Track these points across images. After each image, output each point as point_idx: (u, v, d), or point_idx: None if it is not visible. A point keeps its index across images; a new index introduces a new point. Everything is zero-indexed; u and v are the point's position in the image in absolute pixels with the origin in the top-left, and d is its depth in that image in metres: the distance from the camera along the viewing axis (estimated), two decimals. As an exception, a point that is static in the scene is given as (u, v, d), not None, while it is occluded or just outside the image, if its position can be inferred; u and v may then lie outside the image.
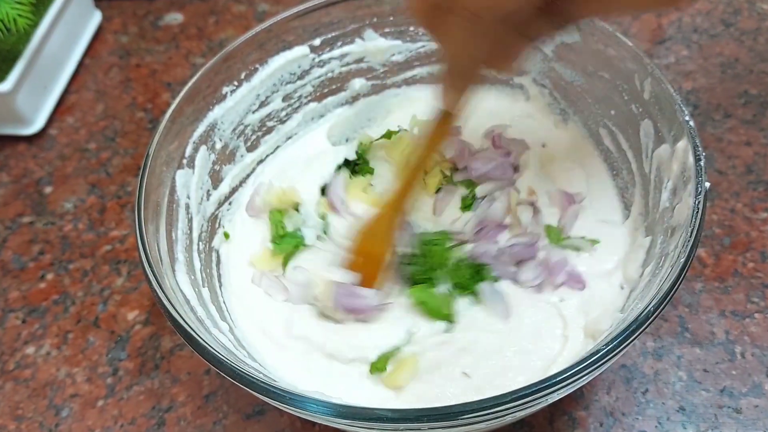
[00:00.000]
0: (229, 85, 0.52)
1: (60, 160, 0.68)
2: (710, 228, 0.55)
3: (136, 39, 0.78)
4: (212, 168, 0.51)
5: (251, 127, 0.54)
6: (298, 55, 0.54)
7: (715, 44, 0.68)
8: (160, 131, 0.46)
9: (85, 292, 0.58)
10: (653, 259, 0.42)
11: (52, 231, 0.62)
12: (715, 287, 0.53)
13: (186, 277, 0.44)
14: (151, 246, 0.41)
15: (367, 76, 0.58)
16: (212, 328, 0.42)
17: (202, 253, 0.48)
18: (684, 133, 0.42)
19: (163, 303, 0.38)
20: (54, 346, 0.55)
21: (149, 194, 0.44)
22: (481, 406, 0.32)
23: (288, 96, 0.56)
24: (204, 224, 0.50)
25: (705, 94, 0.64)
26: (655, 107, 0.45)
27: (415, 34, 0.56)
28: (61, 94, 0.72)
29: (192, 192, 0.49)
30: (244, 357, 0.42)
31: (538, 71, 0.55)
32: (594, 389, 0.48)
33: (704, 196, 0.38)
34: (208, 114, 0.50)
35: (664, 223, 0.42)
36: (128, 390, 0.52)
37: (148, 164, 0.44)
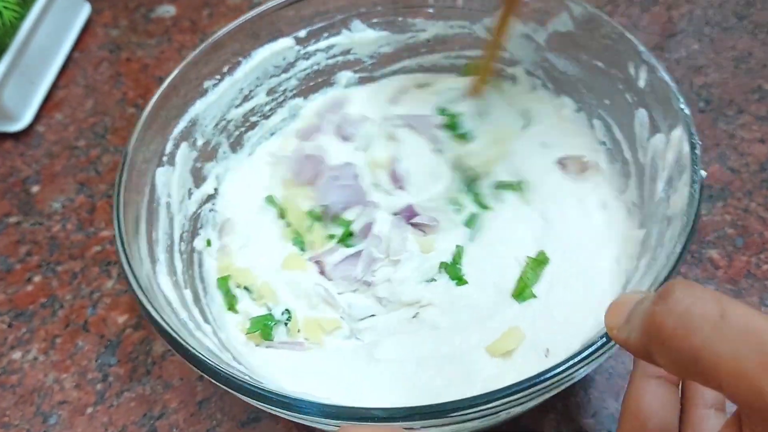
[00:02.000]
0: (211, 78, 0.52)
1: (48, 158, 0.68)
2: (722, 228, 0.55)
3: (126, 32, 0.78)
4: (194, 165, 0.51)
5: (234, 122, 0.54)
6: (283, 47, 0.54)
7: (727, 38, 0.68)
8: (139, 127, 0.46)
9: (74, 294, 0.58)
10: (648, 250, 0.42)
11: (39, 231, 0.62)
12: (728, 290, 0.53)
13: (168, 279, 0.44)
14: (131, 247, 0.41)
15: (354, 69, 0.58)
16: (196, 330, 0.42)
17: (183, 254, 0.48)
18: (679, 121, 0.42)
19: (144, 306, 0.38)
20: (41, 351, 0.55)
21: (129, 193, 0.43)
22: (472, 403, 0.32)
23: (272, 90, 0.56)
24: (185, 224, 0.50)
25: (717, 89, 0.64)
26: (651, 96, 0.45)
27: (404, 24, 0.56)
28: (49, 89, 0.72)
29: (173, 190, 0.49)
30: (230, 360, 0.42)
31: (531, 61, 0.55)
32: (602, 396, 0.48)
33: (700, 185, 0.39)
34: (189, 109, 0.50)
35: (660, 214, 0.42)
36: (119, 396, 0.52)
37: (127, 161, 0.44)
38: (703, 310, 0.26)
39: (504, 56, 0.56)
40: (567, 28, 0.51)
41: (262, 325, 0.47)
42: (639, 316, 0.29)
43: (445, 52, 0.58)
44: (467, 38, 0.56)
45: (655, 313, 0.27)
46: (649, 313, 0.28)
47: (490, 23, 0.54)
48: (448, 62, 0.58)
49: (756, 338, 0.25)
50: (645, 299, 0.29)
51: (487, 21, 0.54)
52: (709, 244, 0.55)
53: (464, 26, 0.56)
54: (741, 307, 0.26)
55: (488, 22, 0.54)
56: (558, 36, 0.52)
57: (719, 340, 0.25)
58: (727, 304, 0.26)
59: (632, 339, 0.29)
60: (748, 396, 0.25)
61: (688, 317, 0.26)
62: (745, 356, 0.24)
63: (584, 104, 0.53)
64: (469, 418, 0.33)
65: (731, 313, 0.25)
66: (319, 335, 0.47)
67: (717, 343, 0.25)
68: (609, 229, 0.48)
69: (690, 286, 0.27)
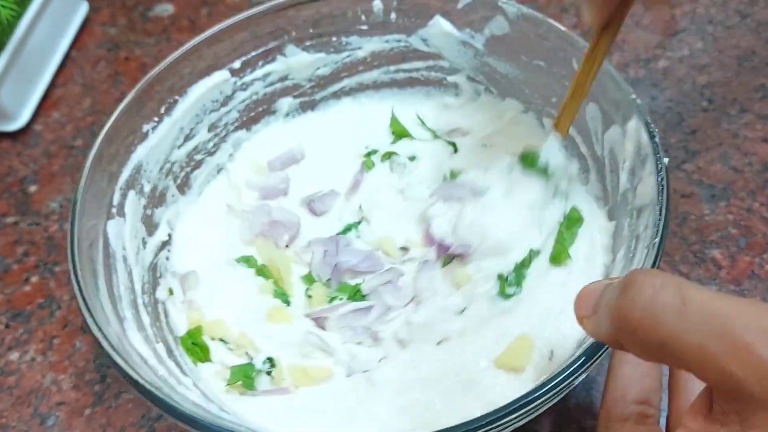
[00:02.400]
0: (150, 122, 0.50)
1: (45, 158, 0.68)
2: (725, 228, 0.55)
3: (125, 31, 0.78)
4: (144, 213, 0.50)
5: (179, 163, 0.53)
6: (218, 80, 0.53)
7: (730, 36, 0.68)
8: (83, 184, 0.44)
9: (72, 295, 0.57)
10: (624, 242, 0.42)
11: (37, 232, 0.62)
12: (731, 291, 0.53)
13: (138, 335, 0.42)
14: (95, 307, 0.39)
15: (294, 94, 0.58)
16: (177, 386, 0.40)
17: (148, 307, 0.47)
18: (633, 111, 0.42)
19: (124, 370, 0.36)
20: (39, 351, 0.55)
21: (82, 252, 0.42)
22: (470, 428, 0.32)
23: (213, 125, 0.55)
24: (145, 275, 0.48)
25: (720, 88, 0.64)
26: (598, 89, 0.45)
27: (339, 44, 0.56)
28: (47, 88, 0.72)
29: (127, 242, 0.47)
30: (217, 411, 0.41)
31: (471, 67, 0.55)
32: (604, 397, 0.48)
33: (666, 172, 0.39)
34: (131, 156, 0.49)
35: (628, 204, 0.43)
36: (117, 398, 0.52)
37: (76, 220, 0.42)
38: (665, 299, 0.27)
39: (443, 65, 0.56)
40: (503, 31, 0.51)
41: (243, 375, 0.45)
42: (605, 309, 0.30)
43: (384, 67, 0.58)
44: (405, 51, 0.56)
45: (620, 306, 0.28)
46: (614, 307, 0.29)
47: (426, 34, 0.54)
48: (388, 77, 0.58)
49: (718, 322, 0.26)
50: (608, 289, 0.30)
51: (421, 32, 0.54)
52: (711, 244, 0.55)
53: (400, 39, 0.56)
54: (701, 291, 0.27)
55: (423, 34, 0.54)
56: (496, 39, 0.52)
57: (683, 327, 0.26)
58: (687, 290, 0.27)
59: (602, 331, 0.30)
60: (716, 378, 0.26)
61: (651, 308, 0.27)
62: (709, 341, 0.26)
63: (531, 105, 0.53)
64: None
65: (692, 298, 0.26)
66: (307, 382, 0.45)
67: (682, 330, 0.26)
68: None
69: (650, 274, 0.28)
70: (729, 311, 0.26)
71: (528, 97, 0.53)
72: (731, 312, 0.26)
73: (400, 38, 0.56)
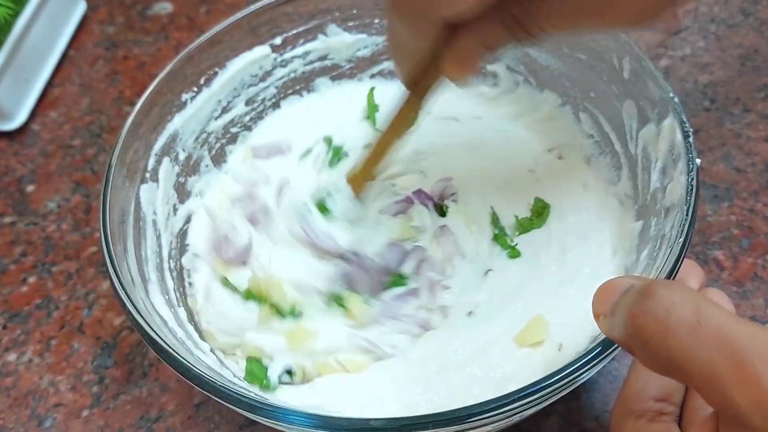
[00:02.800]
0: (189, 91, 0.51)
1: (43, 157, 0.68)
2: (728, 229, 0.55)
3: (123, 29, 0.78)
4: (177, 180, 0.51)
5: (214, 134, 0.54)
6: (259, 55, 0.54)
7: (733, 35, 0.68)
8: (120, 145, 0.45)
9: (70, 296, 0.58)
10: (649, 242, 0.42)
11: (34, 232, 0.62)
12: (733, 292, 0.53)
13: (161, 298, 0.43)
14: (121, 267, 0.40)
15: (331, 74, 0.58)
16: (194, 349, 0.41)
17: (173, 272, 0.48)
18: (669, 110, 0.42)
19: (142, 328, 0.37)
20: (36, 353, 0.55)
21: (114, 213, 0.43)
22: (469, 413, 0.32)
23: (251, 100, 0.56)
24: (173, 241, 0.49)
25: (723, 88, 0.64)
26: (636, 86, 0.45)
27: (381, 26, 0.56)
28: (44, 87, 0.72)
29: (158, 207, 0.48)
30: (230, 376, 0.41)
31: (511, 57, 0.55)
32: (606, 399, 0.48)
33: (696, 173, 0.39)
34: (168, 124, 0.50)
35: (657, 204, 0.43)
36: (115, 399, 0.52)
37: (110, 181, 0.43)
38: (681, 314, 0.27)
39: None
40: None
41: (258, 378, 0.44)
42: (622, 313, 0.30)
43: None
44: None
45: (636, 314, 0.28)
46: (630, 313, 0.29)
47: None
48: None
49: (729, 346, 0.26)
50: (630, 291, 0.30)
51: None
52: (714, 244, 0.55)
53: None
54: (718, 312, 0.26)
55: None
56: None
57: (694, 345, 0.26)
58: (705, 310, 0.27)
59: (615, 334, 0.30)
60: (720, 402, 0.26)
61: (666, 321, 0.27)
62: (718, 364, 0.25)
63: (569, 98, 0.53)
64: (470, 426, 0.33)
65: (708, 318, 0.26)
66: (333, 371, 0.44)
67: (692, 348, 0.26)
68: (601, 221, 0.48)
69: (671, 287, 0.28)
70: (743, 337, 0.26)
71: (567, 90, 0.53)
72: (746, 338, 0.25)
73: None
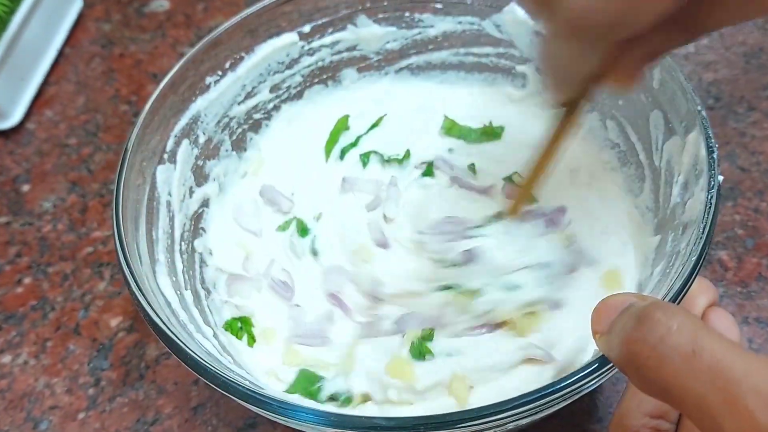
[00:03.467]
0: (213, 74, 0.52)
1: (38, 157, 0.68)
2: (732, 229, 0.55)
3: (119, 27, 0.78)
4: (195, 163, 0.51)
5: (237, 119, 0.54)
6: (286, 42, 0.54)
7: (737, 32, 0.68)
8: (140, 123, 0.46)
9: (65, 297, 0.58)
10: (663, 258, 0.42)
11: (29, 232, 0.62)
12: (738, 292, 0.52)
13: (167, 279, 0.44)
14: (130, 246, 0.41)
15: (358, 66, 0.58)
16: (195, 333, 0.42)
17: (184, 254, 0.48)
18: (696, 123, 0.42)
19: (143, 306, 0.38)
20: (32, 354, 0.55)
21: (128, 190, 0.43)
22: (480, 414, 0.32)
23: (276, 86, 0.56)
24: (186, 223, 0.50)
25: (727, 86, 0.64)
26: (665, 97, 0.45)
27: (411, 20, 0.56)
28: (40, 85, 0.72)
29: (174, 188, 0.49)
30: (229, 363, 0.42)
31: None
32: (609, 401, 0.48)
33: (717, 191, 0.39)
34: (190, 105, 0.50)
35: (675, 220, 0.42)
36: (111, 401, 0.52)
37: (127, 158, 0.44)
38: (676, 342, 0.27)
39: (514, 53, 0.56)
40: None
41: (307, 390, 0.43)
42: (618, 335, 0.29)
43: (453, 48, 0.58)
44: (476, 35, 0.56)
45: (631, 339, 0.28)
46: (625, 338, 0.29)
47: (500, 20, 0.53)
48: (457, 59, 0.58)
49: (723, 379, 0.25)
50: (627, 313, 0.30)
51: (495, 17, 0.54)
52: (718, 245, 0.55)
53: (473, 23, 0.56)
54: (716, 342, 0.26)
55: (497, 19, 0.54)
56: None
57: (688, 375, 0.26)
58: (702, 339, 0.26)
59: (612, 355, 0.30)
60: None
61: (661, 348, 0.27)
62: (710, 396, 0.25)
63: (597, 104, 0.53)
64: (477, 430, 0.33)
65: (704, 347, 0.26)
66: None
67: (686, 378, 0.26)
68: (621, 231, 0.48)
69: (669, 314, 0.28)
70: (739, 369, 0.25)
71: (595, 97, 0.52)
72: (741, 371, 0.25)
73: (474, 21, 0.55)
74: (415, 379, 0.42)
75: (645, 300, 0.30)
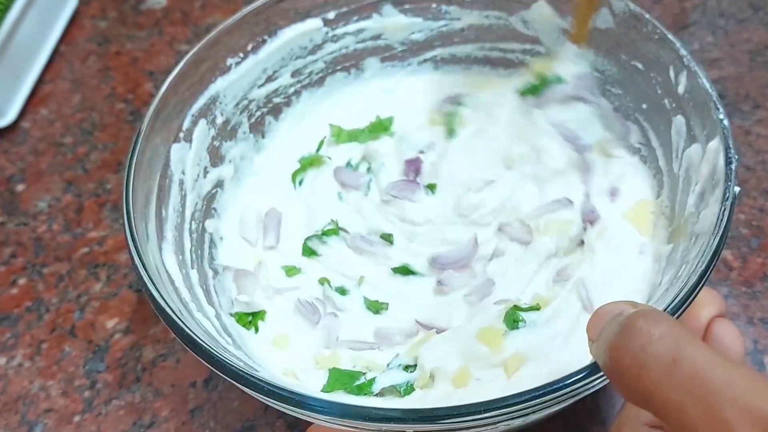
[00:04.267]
0: (234, 56, 0.52)
1: (33, 156, 0.68)
2: (737, 228, 0.55)
3: (115, 24, 0.78)
4: (211, 144, 0.52)
5: (256, 102, 0.55)
6: (310, 27, 0.54)
7: (742, 29, 0.68)
8: (157, 101, 0.46)
9: (61, 298, 0.58)
10: (673, 267, 0.42)
11: (24, 232, 0.62)
12: (743, 292, 0.52)
13: (173, 257, 0.44)
14: (137, 220, 0.42)
15: (383, 55, 0.58)
16: (196, 311, 0.42)
17: (194, 233, 0.49)
18: (717, 132, 0.42)
19: (143, 280, 0.39)
20: (27, 356, 0.55)
21: (140, 166, 0.44)
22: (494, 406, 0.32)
23: (297, 71, 0.56)
24: (198, 203, 0.50)
25: (732, 84, 0.64)
26: (689, 103, 0.45)
27: (438, 11, 0.56)
28: (35, 84, 0.72)
29: (188, 168, 0.49)
30: (227, 345, 0.42)
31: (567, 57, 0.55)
32: (611, 401, 0.48)
33: (732, 203, 0.38)
34: (210, 86, 0.51)
35: (689, 229, 0.42)
36: (107, 404, 0.52)
37: (142, 134, 0.44)
38: (657, 351, 0.27)
39: (539, 50, 0.56)
40: (607, 25, 0.50)
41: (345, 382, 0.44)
42: (604, 343, 0.30)
43: (479, 43, 0.58)
44: (503, 30, 0.56)
45: (613, 347, 0.29)
46: (609, 344, 0.29)
47: (527, 16, 0.54)
48: (482, 54, 0.58)
49: (702, 389, 0.25)
50: (613, 322, 0.30)
51: (523, 13, 0.54)
52: (723, 245, 0.55)
53: (500, 17, 0.56)
54: (698, 351, 0.26)
55: (524, 15, 0.55)
56: (597, 32, 0.51)
57: (668, 385, 0.26)
58: (684, 348, 0.26)
59: (600, 362, 0.31)
60: None
61: (641, 356, 0.27)
62: (689, 406, 0.25)
63: (620, 105, 0.53)
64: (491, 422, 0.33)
65: (685, 357, 0.26)
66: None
67: (665, 387, 0.26)
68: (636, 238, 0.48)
69: (652, 322, 0.28)
70: (719, 380, 0.25)
71: (619, 98, 0.52)
72: (721, 382, 0.25)
73: (501, 16, 0.56)
74: (502, 348, 0.42)
75: (636, 308, 0.30)
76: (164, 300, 0.38)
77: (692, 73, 0.44)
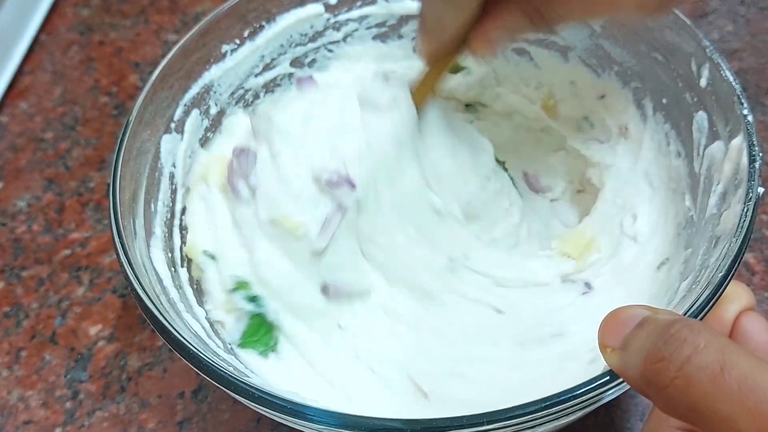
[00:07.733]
0: (230, 43, 0.52)
1: (12, 152, 0.68)
2: (759, 230, 0.55)
3: (99, 12, 0.78)
4: (204, 135, 0.52)
5: (252, 92, 0.55)
6: (310, 13, 0.54)
7: (765, 18, 0.68)
8: (148, 88, 0.46)
9: (41, 303, 0.58)
10: (692, 272, 0.42)
11: (2, 233, 0.62)
12: (765, 298, 0.52)
13: (162, 255, 0.44)
14: (124, 215, 0.41)
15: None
16: (184, 312, 0.42)
17: (184, 230, 0.49)
18: (740, 128, 0.41)
19: (129, 278, 0.38)
20: (5, 365, 0.55)
21: (129, 156, 0.44)
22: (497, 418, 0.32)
23: (297, 60, 0.56)
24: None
25: (753, 76, 0.64)
26: (711, 98, 0.44)
27: None
28: (13, 75, 0.72)
29: (178, 160, 0.49)
30: (216, 348, 0.42)
31: (584, 48, 0.54)
32: (626, 416, 0.48)
33: (755, 203, 0.38)
34: (203, 74, 0.51)
35: (709, 232, 0.42)
36: (90, 416, 0.52)
37: (130, 125, 0.44)
38: (703, 361, 0.27)
39: (556, 41, 0.55)
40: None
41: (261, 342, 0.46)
42: (638, 353, 0.30)
43: None
44: None
45: (655, 357, 0.28)
46: (649, 355, 0.29)
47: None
48: None
49: (753, 397, 0.25)
50: (646, 330, 0.30)
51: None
52: (744, 247, 0.55)
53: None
54: (744, 359, 0.27)
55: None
56: (616, 22, 0.51)
57: (716, 396, 0.26)
58: (729, 356, 0.27)
59: (629, 373, 0.30)
60: None
61: (687, 368, 0.27)
62: (739, 415, 0.26)
63: (640, 99, 0.52)
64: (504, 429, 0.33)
65: (732, 365, 0.26)
66: None
67: (714, 398, 0.26)
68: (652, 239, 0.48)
69: (695, 332, 0.28)
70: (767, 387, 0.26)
71: (638, 91, 0.52)
72: None
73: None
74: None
75: (658, 313, 0.30)
76: (149, 298, 0.38)
77: (715, 65, 0.44)
